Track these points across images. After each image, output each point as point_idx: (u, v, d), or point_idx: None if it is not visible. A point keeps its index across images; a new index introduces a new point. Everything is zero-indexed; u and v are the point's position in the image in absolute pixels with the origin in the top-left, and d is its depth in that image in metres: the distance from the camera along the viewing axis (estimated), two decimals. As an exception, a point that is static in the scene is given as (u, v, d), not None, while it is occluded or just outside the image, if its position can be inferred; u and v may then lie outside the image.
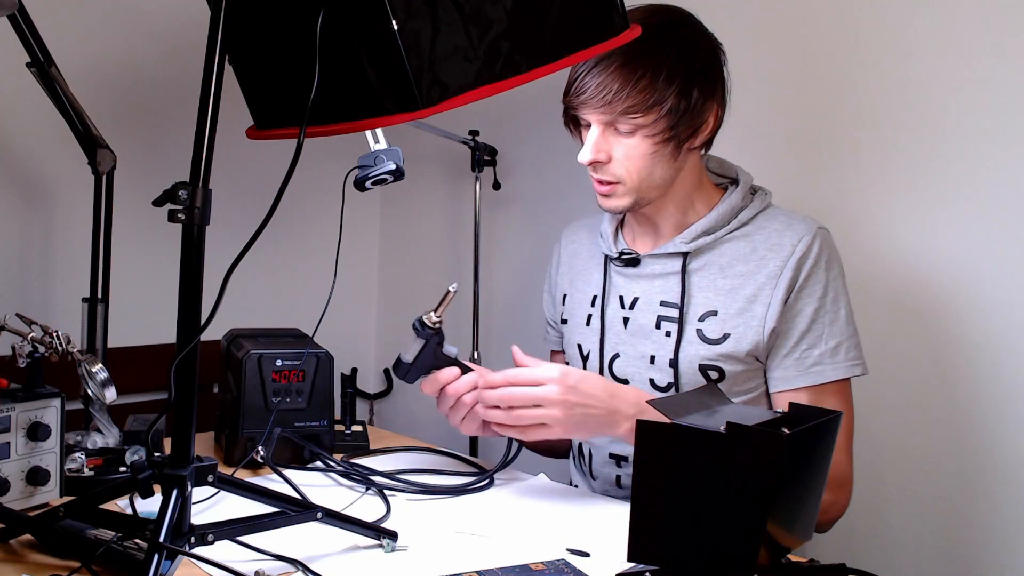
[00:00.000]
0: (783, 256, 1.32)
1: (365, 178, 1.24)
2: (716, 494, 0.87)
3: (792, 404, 0.99)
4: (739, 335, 1.32)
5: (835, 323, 1.32)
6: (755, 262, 1.34)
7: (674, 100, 1.28)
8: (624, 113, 1.28)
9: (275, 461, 1.42)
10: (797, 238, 1.33)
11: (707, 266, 1.37)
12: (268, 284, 2.15)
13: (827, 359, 1.32)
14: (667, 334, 1.37)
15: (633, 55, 1.27)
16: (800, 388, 1.32)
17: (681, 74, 1.28)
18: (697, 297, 1.36)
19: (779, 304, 1.31)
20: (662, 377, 1.37)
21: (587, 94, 1.30)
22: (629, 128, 1.30)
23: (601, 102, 1.29)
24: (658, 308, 1.39)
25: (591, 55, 1.21)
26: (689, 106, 1.29)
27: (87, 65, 1.80)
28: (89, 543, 1.03)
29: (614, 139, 1.32)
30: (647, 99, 1.27)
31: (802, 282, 1.31)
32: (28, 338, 1.23)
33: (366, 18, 1.03)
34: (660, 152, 1.31)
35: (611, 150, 1.33)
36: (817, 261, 1.32)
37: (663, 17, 1.32)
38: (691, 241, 1.37)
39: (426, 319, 1.32)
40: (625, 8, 1.24)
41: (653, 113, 1.28)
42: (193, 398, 0.99)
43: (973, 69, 1.47)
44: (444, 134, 2.00)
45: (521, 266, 2.17)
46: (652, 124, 1.29)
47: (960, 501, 1.52)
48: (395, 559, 1.11)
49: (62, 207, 1.85)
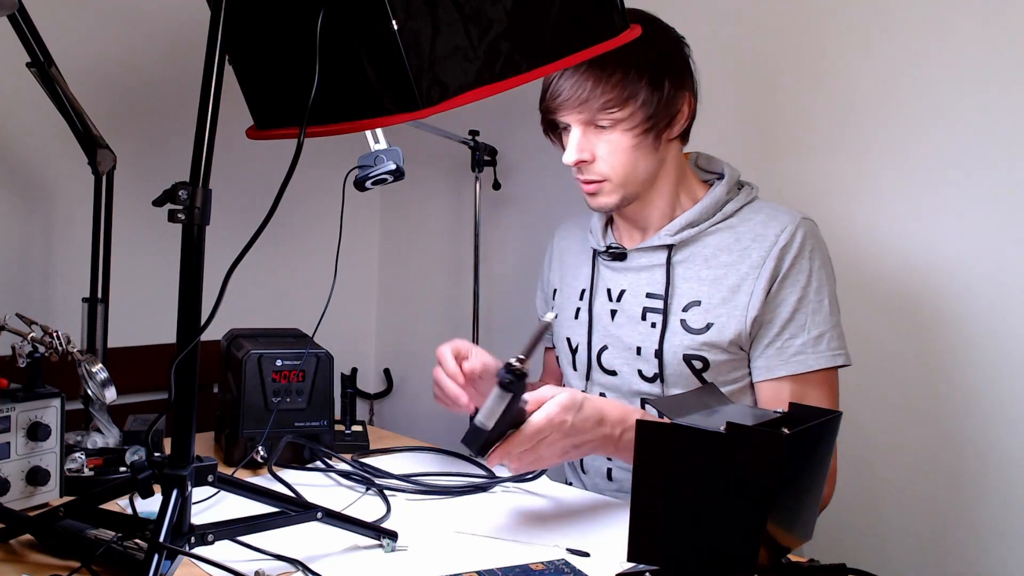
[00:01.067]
0: (766, 246, 1.33)
1: (365, 178, 1.24)
2: (716, 494, 0.87)
3: (792, 404, 0.99)
4: (722, 324, 1.33)
5: (818, 313, 1.32)
6: (739, 252, 1.35)
7: (647, 92, 1.31)
8: (602, 109, 1.31)
9: (275, 461, 1.42)
10: (780, 228, 1.34)
11: (691, 257, 1.38)
12: (268, 284, 2.16)
13: (809, 348, 1.32)
14: (652, 325, 1.38)
15: (600, 56, 1.29)
16: (782, 377, 1.33)
17: (649, 67, 1.31)
18: (681, 287, 1.37)
19: (762, 293, 1.32)
20: (648, 368, 1.39)
21: (563, 95, 1.32)
22: (608, 123, 1.32)
23: (578, 101, 1.31)
24: (644, 300, 1.40)
25: (591, 55, 1.21)
26: (663, 96, 1.32)
27: (87, 65, 1.80)
28: (89, 543, 1.03)
29: (595, 137, 1.34)
30: (622, 93, 1.30)
31: (785, 271, 1.32)
32: (28, 338, 1.23)
33: (366, 18, 1.03)
34: (641, 144, 1.33)
35: (594, 149, 1.35)
36: (800, 251, 1.33)
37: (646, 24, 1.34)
38: (675, 233, 1.39)
39: (515, 363, 1.11)
40: (625, 8, 1.24)
41: (629, 105, 1.31)
42: (193, 398, 0.99)
43: (964, 60, 1.48)
44: (444, 134, 2.00)
45: (521, 266, 2.17)
46: (630, 116, 1.32)
47: (960, 500, 1.52)
48: (395, 559, 1.11)
49: (62, 207, 1.85)
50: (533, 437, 1.17)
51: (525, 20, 1.12)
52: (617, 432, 1.23)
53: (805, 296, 1.32)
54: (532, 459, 1.20)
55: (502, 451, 1.16)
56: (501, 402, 1.12)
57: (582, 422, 1.20)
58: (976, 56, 1.47)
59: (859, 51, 1.60)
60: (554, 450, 1.20)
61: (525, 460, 1.19)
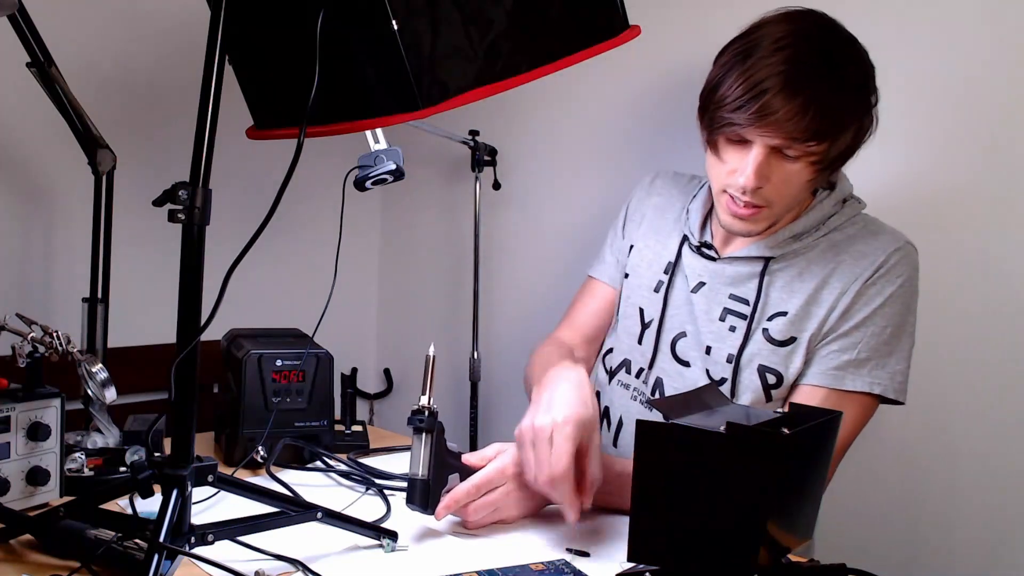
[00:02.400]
0: (863, 265, 1.28)
1: (365, 178, 1.24)
2: (716, 494, 0.87)
3: (792, 404, 0.99)
4: (803, 340, 1.29)
5: (876, 337, 1.27)
6: (833, 267, 1.29)
7: (856, 127, 1.21)
8: (804, 140, 1.18)
9: (275, 461, 1.42)
10: (881, 249, 1.28)
11: (786, 268, 1.32)
12: (268, 284, 2.15)
13: (850, 368, 1.27)
14: (731, 329, 1.33)
15: (837, 75, 1.17)
16: (817, 386, 1.29)
17: (867, 98, 1.22)
18: (771, 297, 1.32)
19: (843, 308, 1.28)
20: (717, 371, 1.34)
21: (777, 116, 1.17)
22: (799, 154, 1.20)
23: (794, 127, 1.16)
24: (726, 300, 1.34)
25: (591, 55, 1.21)
26: (862, 130, 1.23)
27: (87, 65, 1.80)
28: (89, 543, 1.03)
29: (776, 163, 1.22)
30: (834, 126, 1.18)
31: (867, 289, 1.27)
32: (28, 338, 1.23)
33: (366, 18, 1.03)
34: (818, 180, 1.25)
35: (771, 174, 1.23)
36: (887, 273, 1.27)
37: (844, 34, 1.23)
38: (776, 246, 1.32)
39: (422, 406, 1.16)
40: (625, 8, 1.24)
41: (830, 140, 1.19)
42: (193, 398, 0.99)
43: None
44: (444, 134, 2.00)
45: (521, 266, 2.17)
46: (825, 152, 1.20)
47: (960, 500, 1.52)
48: (395, 559, 1.11)
49: (62, 207, 1.85)
50: (481, 488, 1.18)
51: (525, 20, 1.12)
52: None
53: (871, 318, 1.27)
54: (489, 511, 1.20)
55: (450, 500, 1.17)
56: (425, 447, 1.15)
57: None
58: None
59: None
60: (511, 500, 1.21)
61: (480, 512, 1.19)
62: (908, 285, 1.29)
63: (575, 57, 1.19)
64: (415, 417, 1.16)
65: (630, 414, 1.43)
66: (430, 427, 1.16)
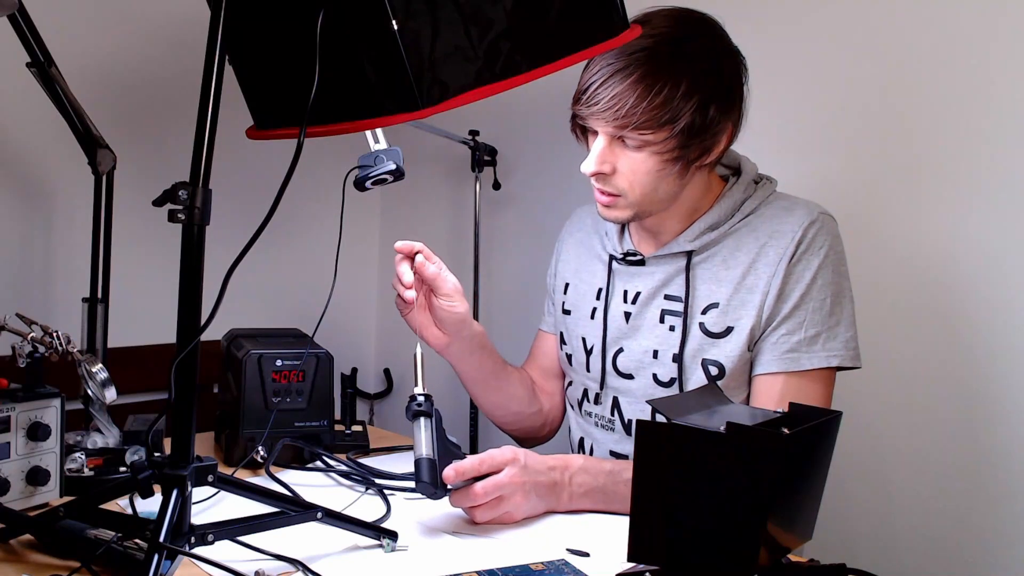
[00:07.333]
0: (783, 245, 1.30)
1: (365, 178, 1.24)
2: (716, 494, 0.87)
3: (792, 404, 0.99)
4: (740, 327, 1.31)
5: (818, 311, 1.30)
6: (756, 250, 1.32)
7: (689, 118, 1.24)
8: (635, 128, 1.24)
9: (275, 461, 1.42)
10: (797, 224, 1.31)
11: (710, 258, 1.35)
12: (268, 284, 2.15)
13: (803, 347, 1.29)
14: (671, 328, 1.36)
15: (653, 67, 1.22)
16: (776, 373, 1.30)
17: (701, 91, 1.24)
18: (700, 290, 1.34)
19: (776, 291, 1.30)
20: (664, 372, 1.36)
21: (599, 106, 1.25)
22: (637, 143, 1.26)
23: (613, 115, 1.24)
24: (662, 302, 1.37)
25: (591, 55, 1.21)
26: (704, 124, 1.25)
27: (87, 65, 1.80)
28: (89, 543, 1.03)
29: (620, 152, 1.29)
30: (661, 116, 1.23)
31: (794, 267, 1.30)
32: (28, 338, 1.23)
33: (366, 18, 1.03)
34: (667, 170, 1.28)
35: (616, 162, 1.29)
36: (810, 246, 1.30)
37: (690, 28, 1.28)
38: (694, 239, 1.36)
39: (418, 392, 1.24)
40: (625, 8, 1.24)
41: (664, 131, 1.24)
42: (193, 398, 0.99)
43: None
44: (444, 134, 2.00)
45: (521, 266, 2.17)
46: (662, 142, 1.25)
47: (960, 500, 1.51)
48: (395, 559, 1.11)
49: (62, 207, 1.85)
50: (485, 461, 1.21)
51: (525, 20, 1.12)
52: (566, 478, 1.27)
53: (808, 293, 1.30)
54: (495, 494, 1.21)
55: (457, 468, 1.19)
56: (427, 430, 1.21)
57: (534, 463, 1.25)
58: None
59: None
60: (515, 503, 1.22)
61: (489, 493, 1.21)
62: (832, 253, 1.31)
63: (575, 57, 1.18)
64: (413, 403, 1.22)
65: (599, 442, 1.47)
66: (428, 411, 1.22)
